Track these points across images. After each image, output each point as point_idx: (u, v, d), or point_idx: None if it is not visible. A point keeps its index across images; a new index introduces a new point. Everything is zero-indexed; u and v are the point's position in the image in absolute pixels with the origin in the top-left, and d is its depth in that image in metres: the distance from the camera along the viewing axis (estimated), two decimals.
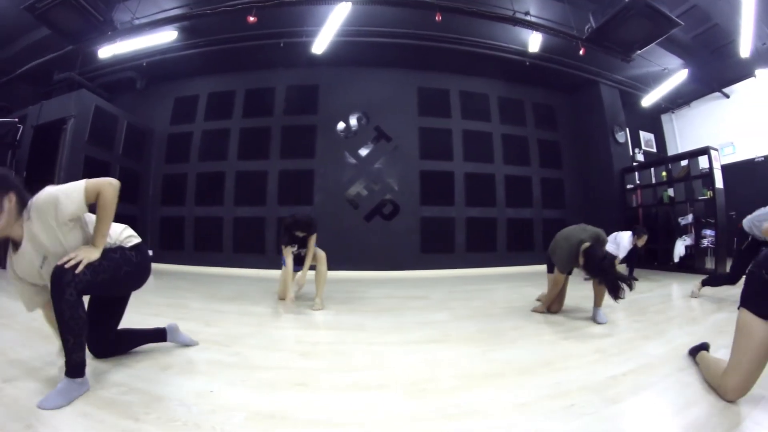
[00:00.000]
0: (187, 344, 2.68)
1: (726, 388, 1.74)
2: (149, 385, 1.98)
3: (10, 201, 1.75)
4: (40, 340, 2.54)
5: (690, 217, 6.99)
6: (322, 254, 4.21)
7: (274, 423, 1.63)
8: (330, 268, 4.27)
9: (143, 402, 1.78)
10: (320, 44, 6.61)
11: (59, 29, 5.64)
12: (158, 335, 2.58)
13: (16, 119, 7.27)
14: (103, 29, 5.75)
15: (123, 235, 2.16)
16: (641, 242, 5.85)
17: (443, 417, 1.68)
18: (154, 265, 2.41)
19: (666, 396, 1.86)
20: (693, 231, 6.88)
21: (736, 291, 4.48)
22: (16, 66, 7.32)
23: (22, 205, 1.80)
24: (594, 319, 3.40)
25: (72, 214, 1.82)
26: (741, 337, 1.77)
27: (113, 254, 2.03)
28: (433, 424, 1.63)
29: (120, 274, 2.03)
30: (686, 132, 9.63)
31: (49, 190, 1.80)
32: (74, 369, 1.80)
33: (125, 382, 2.00)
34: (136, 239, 2.23)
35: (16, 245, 1.85)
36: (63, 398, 1.72)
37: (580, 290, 4.79)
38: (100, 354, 2.26)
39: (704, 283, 4.45)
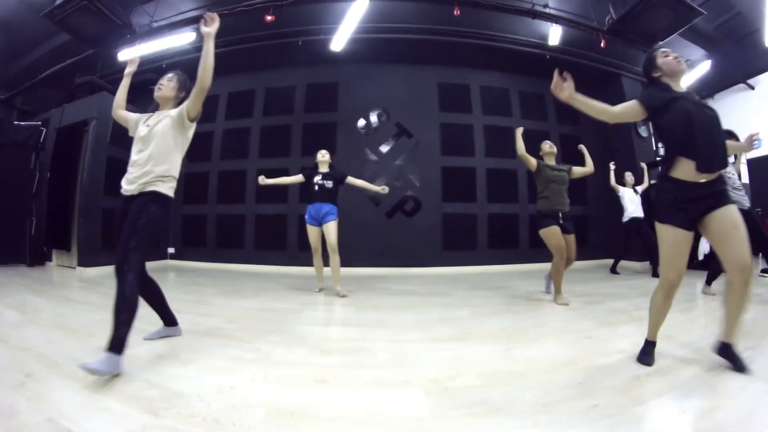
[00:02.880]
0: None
1: None
2: (170, 380, 2.03)
3: (181, 93, 2.73)
4: (64, 336, 2.62)
5: None
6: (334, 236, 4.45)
7: (294, 420, 1.66)
8: (351, 264, 4.33)
9: (164, 397, 1.82)
10: (339, 42, 6.61)
11: (79, 34, 5.77)
12: (171, 318, 2.78)
13: (40, 122, 7.52)
14: (122, 33, 5.89)
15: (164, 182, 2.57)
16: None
17: (466, 416, 1.69)
18: (175, 263, 2.56)
19: (690, 398, 1.84)
20: None
21: (761, 290, 4.40)
22: (38, 70, 7.45)
23: (181, 102, 2.69)
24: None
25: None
26: None
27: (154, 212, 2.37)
28: (456, 423, 1.64)
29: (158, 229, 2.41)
30: None
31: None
32: (117, 344, 1.99)
33: (146, 377, 2.06)
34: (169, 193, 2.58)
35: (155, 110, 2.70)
36: (105, 366, 1.89)
37: (606, 288, 4.75)
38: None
39: (708, 282, 4.46)
